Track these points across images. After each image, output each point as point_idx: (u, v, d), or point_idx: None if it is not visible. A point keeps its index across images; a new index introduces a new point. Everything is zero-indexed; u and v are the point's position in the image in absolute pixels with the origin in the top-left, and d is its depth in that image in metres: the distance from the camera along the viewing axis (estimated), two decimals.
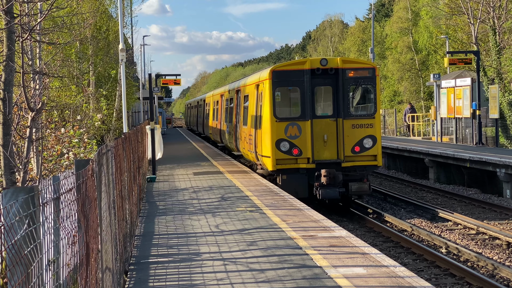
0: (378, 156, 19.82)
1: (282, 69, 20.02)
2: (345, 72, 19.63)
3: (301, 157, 19.48)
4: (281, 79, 19.75)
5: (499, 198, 22.93)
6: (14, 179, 9.81)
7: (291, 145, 19.43)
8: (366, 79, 19.88)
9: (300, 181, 19.41)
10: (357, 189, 19.37)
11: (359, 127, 19.62)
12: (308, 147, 19.42)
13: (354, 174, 19.59)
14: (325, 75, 19.67)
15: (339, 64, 19.67)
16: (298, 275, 8.91)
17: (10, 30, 9.70)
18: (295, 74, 19.66)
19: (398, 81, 71.36)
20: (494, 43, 34.56)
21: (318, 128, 19.58)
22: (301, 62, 20.08)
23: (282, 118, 19.63)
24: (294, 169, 19.54)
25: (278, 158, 19.51)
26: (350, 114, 19.64)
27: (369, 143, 19.61)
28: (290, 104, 20.30)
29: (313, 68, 19.55)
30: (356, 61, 21.40)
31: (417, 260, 14.67)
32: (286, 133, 19.46)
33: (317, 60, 19.74)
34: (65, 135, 16.40)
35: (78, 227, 4.82)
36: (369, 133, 19.62)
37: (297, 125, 19.50)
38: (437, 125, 35.83)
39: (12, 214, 3.27)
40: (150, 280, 9.14)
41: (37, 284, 3.44)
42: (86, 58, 30.16)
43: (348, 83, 19.71)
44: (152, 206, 16.17)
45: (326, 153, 19.60)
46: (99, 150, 6.51)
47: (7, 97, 9.51)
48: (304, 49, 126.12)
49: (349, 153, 19.50)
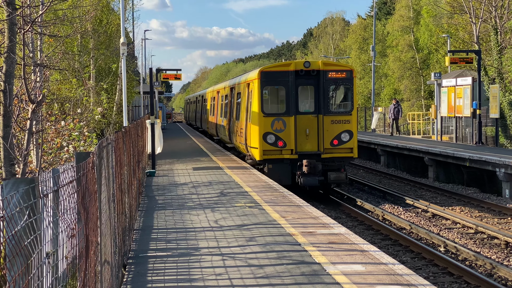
0: (354, 149, 22.08)
1: (269, 70, 22.43)
2: (325, 73, 21.85)
3: (285, 149, 21.69)
4: (269, 79, 22.00)
5: (498, 197, 22.94)
6: (13, 171, 9.80)
7: (277, 138, 21.65)
8: (344, 80, 22.08)
9: (284, 170, 21.62)
10: (335, 178, 21.63)
11: (338, 122, 21.87)
12: (291, 139, 21.62)
13: (333, 164, 21.86)
14: (307, 76, 21.92)
15: (320, 66, 21.93)
16: (297, 272, 8.91)
17: (11, 21, 9.68)
18: (281, 74, 21.93)
19: (398, 79, 71.32)
20: (495, 43, 34.53)
21: (301, 123, 21.79)
22: (286, 64, 22.34)
23: (269, 113, 21.86)
24: (279, 159, 21.71)
25: (264, 149, 21.73)
26: (329, 111, 21.87)
27: (346, 137, 21.87)
28: (276, 101, 22.44)
29: (297, 69, 21.81)
30: (336, 64, 24.32)
31: (416, 258, 14.68)
32: (272, 127, 21.67)
33: (301, 62, 22.21)
34: (65, 128, 16.38)
35: (78, 220, 4.81)
36: (347, 128, 21.90)
37: (282, 120, 21.72)
38: (437, 124, 35.82)
39: (13, 205, 3.26)
40: (148, 274, 9.14)
41: (36, 275, 3.43)
42: (87, 52, 30.12)
43: (328, 83, 21.90)
44: (151, 201, 16.17)
45: (307, 145, 21.83)
46: (99, 143, 6.50)
47: (8, 88, 9.49)
48: (305, 46, 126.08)
49: (328, 146, 21.75)
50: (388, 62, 74.10)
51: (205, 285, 8.39)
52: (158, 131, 24.45)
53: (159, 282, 8.68)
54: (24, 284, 3.14)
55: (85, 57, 29.65)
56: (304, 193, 21.84)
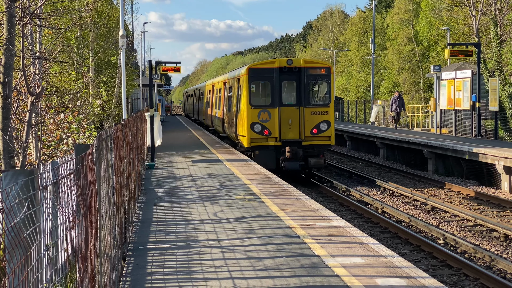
0: (332, 137, 24.55)
1: (256, 67, 25.02)
2: (306, 70, 24.35)
3: (270, 137, 24.23)
4: (256, 75, 24.53)
5: (497, 190, 22.96)
6: (13, 163, 9.80)
7: (263, 127, 24.20)
8: (323, 76, 24.57)
9: (269, 155, 24.10)
10: (315, 163, 24.19)
11: (317, 114, 24.33)
12: (276, 129, 24.18)
13: (312, 151, 24.31)
14: (290, 72, 24.37)
15: (301, 64, 24.46)
16: (296, 264, 8.92)
17: (10, 13, 9.65)
18: (267, 71, 24.45)
19: (398, 72, 71.26)
20: (495, 36, 34.49)
21: (284, 114, 24.27)
22: (271, 62, 25.05)
23: (256, 105, 24.38)
24: (265, 146, 24.23)
25: (252, 137, 24.28)
26: (309, 104, 24.35)
27: (324, 126, 24.35)
28: (262, 94, 24.85)
29: (281, 66, 24.31)
30: (316, 62, 27.07)
31: (415, 250, 14.70)
32: (259, 118, 24.20)
33: (284, 60, 24.61)
34: (64, 121, 16.37)
35: (77, 212, 4.81)
36: (325, 119, 24.36)
37: (268, 112, 24.25)
38: (437, 117, 35.81)
39: (12, 196, 3.26)
40: (148, 266, 9.15)
41: (35, 267, 3.43)
42: (86, 44, 30.07)
43: (309, 79, 24.38)
44: (150, 193, 16.17)
45: (290, 134, 24.31)
46: (99, 135, 6.49)
47: (7, 81, 9.48)
48: (304, 39, 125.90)
49: (308, 134, 24.28)
50: (388, 55, 74.01)
51: (205, 278, 8.40)
52: (157, 123, 24.43)
53: (158, 274, 8.69)
54: (23, 275, 3.14)
55: (84, 49, 29.60)
56: (288, 177, 23.83)
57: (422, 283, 7.98)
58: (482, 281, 12.10)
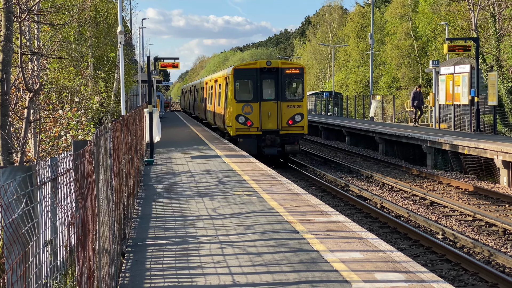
0: (305, 127, 28.42)
1: (241, 68, 29.06)
2: (283, 70, 28.28)
3: (253, 127, 28.04)
4: (240, 74, 28.47)
5: (496, 185, 22.97)
6: (11, 160, 9.80)
7: (246, 119, 28.07)
8: (297, 75, 28.59)
9: (252, 143, 27.87)
10: (290, 149, 28.04)
11: (292, 107, 28.16)
12: (257, 120, 28.04)
13: (288, 139, 28.09)
14: (269, 72, 28.25)
15: (279, 65, 28.52)
16: (295, 259, 8.93)
17: (8, 10, 9.64)
18: (249, 71, 28.36)
19: (396, 67, 71.24)
20: (493, 30, 34.48)
21: (264, 107, 28.11)
22: (253, 63, 29.31)
23: (240, 100, 28.22)
24: (248, 135, 28.01)
25: (237, 127, 28.13)
26: (286, 99, 28.19)
27: (298, 118, 28.18)
28: (246, 91, 28.48)
29: (261, 67, 28.24)
30: (291, 63, 30.08)
31: (414, 245, 14.72)
32: (242, 111, 28.04)
33: (264, 61, 28.84)
34: (63, 117, 16.36)
35: (76, 208, 4.81)
36: (299, 112, 28.21)
37: (250, 105, 28.10)
38: (435, 112, 35.81)
39: (10, 193, 3.26)
40: (147, 262, 9.16)
41: (34, 263, 3.44)
42: (85, 40, 30.03)
43: (285, 78, 28.25)
44: (149, 189, 16.18)
45: (269, 124, 28.11)
46: (97, 131, 6.49)
47: (5, 77, 9.47)
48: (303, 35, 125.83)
49: (285, 125, 28.10)
50: (386, 50, 73.98)
51: (204, 273, 8.41)
52: (156, 120, 24.42)
53: (157, 270, 8.70)
54: (21, 271, 3.15)
55: (82, 45, 29.56)
56: (268, 161, 27.54)
57: (421, 278, 7.99)
58: (481, 276, 12.13)
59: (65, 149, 14.71)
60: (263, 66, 28.23)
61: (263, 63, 28.48)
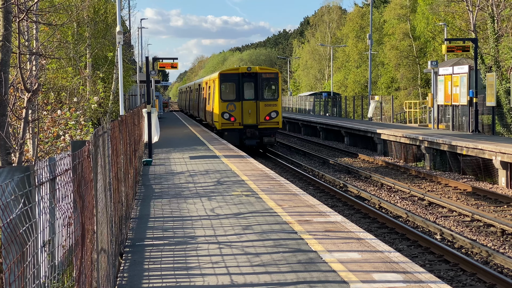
0: (280, 122, 33.54)
1: (226, 72, 34.42)
2: (261, 74, 33.49)
3: (236, 122, 33.08)
4: (225, 78, 33.78)
5: (494, 185, 22.98)
6: (10, 160, 9.79)
7: (230, 115, 33.10)
8: (273, 79, 33.86)
9: (235, 135, 32.91)
10: (268, 141, 33.28)
11: (269, 105, 33.24)
12: (239, 116, 33.06)
13: (266, 132, 33.19)
14: (249, 76, 33.41)
15: (258, 70, 33.80)
16: (293, 260, 8.93)
17: (6, 10, 9.64)
18: (233, 75, 33.71)
19: (395, 67, 71.23)
20: (492, 31, 34.49)
21: (246, 106, 33.12)
22: (236, 69, 34.87)
23: (225, 99, 33.31)
24: (232, 129, 33.04)
25: (222, 123, 33.16)
26: (263, 98, 33.29)
27: (274, 114, 33.23)
28: (230, 92, 33.54)
29: (243, 72, 33.48)
30: (267, 69, 35.72)
31: (412, 246, 14.72)
32: (227, 108, 33.12)
33: (245, 67, 34.02)
34: (62, 117, 16.35)
35: (74, 208, 4.81)
36: (274, 109, 33.31)
37: (234, 104, 33.10)
38: (434, 112, 35.83)
39: (8, 193, 3.26)
40: (145, 262, 9.16)
41: (32, 263, 3.44)
42: (83, 40, 30.01)
43: (262, 81, 33.43)
44: (148, 189, 16.18)
45: (249, 120, 33.06)
46: (95, 131, 6.49)
47: (3, 77, 9.47)
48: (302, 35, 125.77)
49: (262, 120, 33.13)
50: (385, 51, 73.97)
51: (202, 273, 8.41)
52: (154, 120, 24.40)
53: (156, 270, 8.70)
54: (19, 271, 3.15)
55: (81, 45, 29.54)
56: (250, 151, 31.97)
57: (419, 278, 8.00)
58: (479, 276, 12.13)
59: (63, 149, 14.70)
60: (244, 71, 33.53)
61: (244, 69, 33.87)
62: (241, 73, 33.38)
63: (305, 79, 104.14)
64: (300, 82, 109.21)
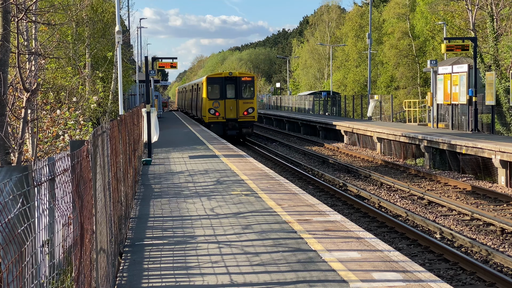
0: (255, 116, 41.26)
1: (211, 76, 42.59)
2: (240, 78, 40.97)
3: (220, 116, 40.46)
4: (211, 81, 41.44)
5: (493, 184, 22.98)
6: (9, 159, 9.78)
7: (215, 111, 40.50)
8: (250, 82, 41.27)
9: (219, 127, 40.10)
10: (246, 132, 40.79)
11: (246, 103, 40.65)
12: (222, 111, 40.44)
13: (244, 124, 40.66)
14: (231, 79, 40.86)
15: (237, 75, 41.38)
16: (293, 259, 8.93)
17: (5, 9, 9.62)
18: (217, 79, 41.45)
19: (394, 67, 71.23)
20: (491, 30, 34.48)
21: (228, 103, 40.55)
22: (220, 74, 42.70)
23: (211, 98, 40.84)
24: (217, 122, 40.42)
25: (209, 117, 40.63)
26: (242, 97, 40.64)
27: (251, 110, 40.72)
28: (215, 92, 40.86)
29: (225, 76, 41.11)
30: (246, 73, 43.99)
31: (412, 245, 14.71)
32: (213, 105, 40.58)
33: (227, 72, 41.73)
34: (61, 117, 16.34)
35: (73, 208, 4.80)
36: (251, 106, 40.80)
37: (218, 102, 40.56)
38: (433, 111, 35.81)
39: (6, 193, 3.25)
40: (144, 262, 9.15)
41: (30, 263, 3.43)
42: (82, 40, 29.99)
43: (241, 83, 40.82)
44: (147, 189, 16.17)
45: (231, 114, 40.45)
46: (94, 131, 6.48)
47: (2, 77, 9.46)
48: (301, 34, 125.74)
49: (242, 115, 40.53)
50: (384, 50, 73.96)
51: (202, 273, 8.40)
52: (154, 119, 24.38)
53: (155, 270, 8.69)
54: (17, 271, 3.14)
55: (80, 45, 29.52)
56: (232, 140, 38.01)
57: (419, 277, 7.99)
58: (478, 275, 12.13)
59: (62, 149, 14.69)
60: (227, 75, 41.19)
61: (227, 74, 41.53)
62: (224, 77, 41.16)
63: (305, 79, 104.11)
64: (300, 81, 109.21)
